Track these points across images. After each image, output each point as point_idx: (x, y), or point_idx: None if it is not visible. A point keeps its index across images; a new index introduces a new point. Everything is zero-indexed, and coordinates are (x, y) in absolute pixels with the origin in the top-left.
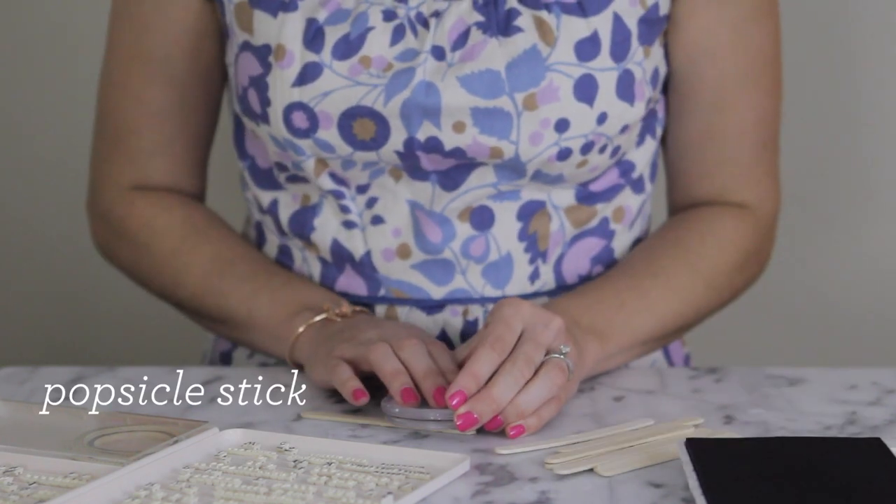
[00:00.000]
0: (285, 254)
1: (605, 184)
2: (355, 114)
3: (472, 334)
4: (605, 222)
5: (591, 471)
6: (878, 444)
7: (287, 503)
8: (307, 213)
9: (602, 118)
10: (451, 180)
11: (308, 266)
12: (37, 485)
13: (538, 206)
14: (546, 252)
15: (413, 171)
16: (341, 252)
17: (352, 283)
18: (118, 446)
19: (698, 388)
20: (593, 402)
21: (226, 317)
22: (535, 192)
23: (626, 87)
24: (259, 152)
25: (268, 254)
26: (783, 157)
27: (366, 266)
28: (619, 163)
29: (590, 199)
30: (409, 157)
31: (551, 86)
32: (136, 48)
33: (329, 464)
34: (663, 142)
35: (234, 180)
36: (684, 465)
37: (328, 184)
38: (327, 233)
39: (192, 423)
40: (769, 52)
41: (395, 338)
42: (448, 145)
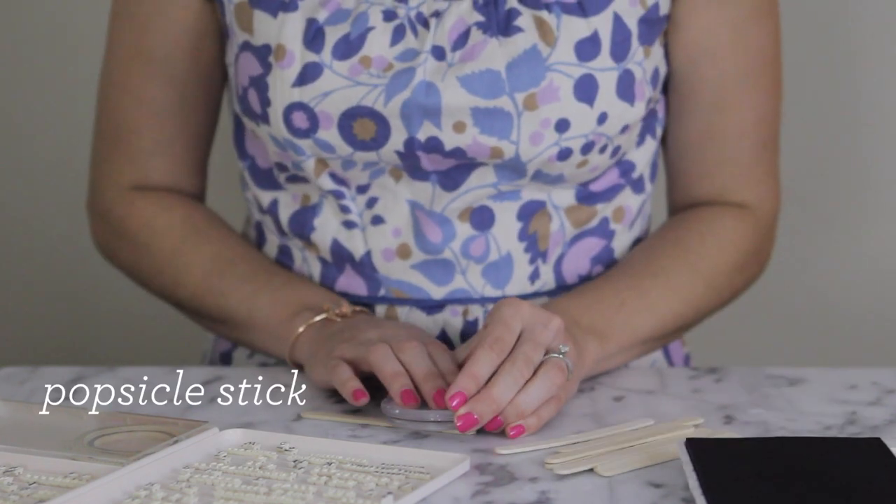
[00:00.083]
0: (285, 254)
1: (606, 184)
2: (355, 114)
3: (472, 334)
4: (605, 222)
5: (591, 471)
6: (878, 444)
7: (287, 503)
8: (307, 213)
9: (602, 118)
10: (451, 180)
11: (308, 266)
12: (37, 485)
13: (538, 206)
14: (546, 252)
15: (413, 172)
16: (341, 252)
17: (352, 283)
18: (118, 446)
19: (698, 388)
20: (593, 402)
21: (226, 317)
22: (535, 193)
23: (626, 87)
24: (259, 152)
25: (268, 254)
26: (783, 157)
27: (366, 266)
28: (620, 163)
29: (590, 199)
30: (409, 157)
31: (551, 86)
32: (137, 48)
33: (329, 464)
34: (663, 142)
35: (234, 180)
36: (684, 465)
37: (328, 184)
38: (327, 233)
39: (192, 423)
40: (769, 52)
41: (395, 338)
42: (448, 145)
